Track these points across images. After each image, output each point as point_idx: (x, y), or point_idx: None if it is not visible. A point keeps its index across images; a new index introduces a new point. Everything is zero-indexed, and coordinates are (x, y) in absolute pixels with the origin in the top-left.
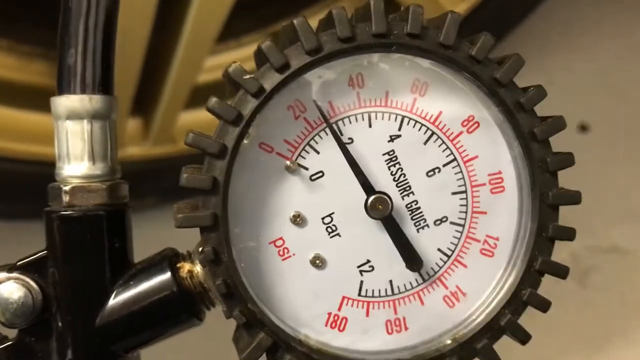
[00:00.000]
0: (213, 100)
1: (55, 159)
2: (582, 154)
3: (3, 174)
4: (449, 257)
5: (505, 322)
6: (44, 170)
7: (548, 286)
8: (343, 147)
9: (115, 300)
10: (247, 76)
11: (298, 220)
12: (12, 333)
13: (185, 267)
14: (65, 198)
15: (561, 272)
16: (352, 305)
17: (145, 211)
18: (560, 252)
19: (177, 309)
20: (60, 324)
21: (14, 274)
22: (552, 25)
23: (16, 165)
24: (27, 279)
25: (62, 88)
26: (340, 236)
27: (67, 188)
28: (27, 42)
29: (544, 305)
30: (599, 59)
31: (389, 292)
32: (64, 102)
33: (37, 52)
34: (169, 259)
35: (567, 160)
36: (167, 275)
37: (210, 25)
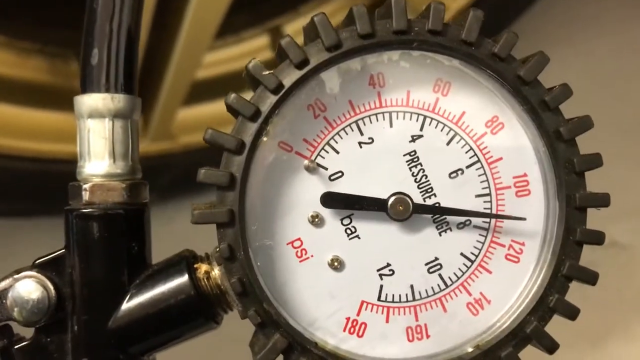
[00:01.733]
0: (232, 96)
1: (78, 157)
2: (580, 150)
3: (1, 171)
4: (472, 262)
5: (531, 329)
6: (43, 167)
7: None
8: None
9: (131, 301)
10: (266, 72)
11: (316, 220)
12: (28, 333)
13: (202, 268)
14: (85, 196)
15: (590, 277)
16: (371, 310)
17: None
18: None
19: (194, 312)
20: (75, 323)
21: (31, 272)
22: (549, 21)
23: (15, 162)
24: (44, 278)
25: (85, 87)
26: (359, 238)
27: (87, 186)
28: (24, 38)
29: (572, 313)
30: (597, 55)
31: (410, 298)
32: (86, 101)
33: (34, 48)
34: (186, 260)
35: (594, 160)
36: (185, 277)
37: (209, 21)
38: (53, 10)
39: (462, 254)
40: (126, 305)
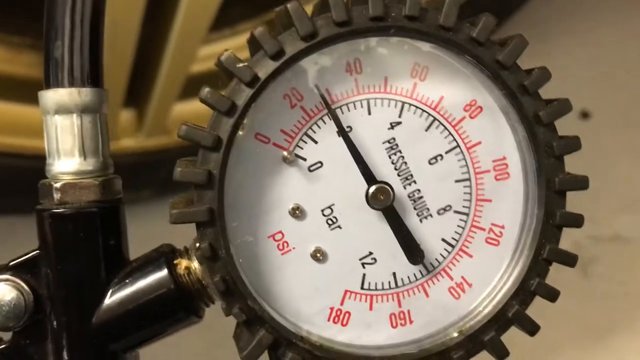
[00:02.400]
0: (205, 91)
1: (46, 155)
2: (583, 142)
3: None
4: (453, 247)
5: (513, 313)
6: (37, 164)
7: (549, 276)
8: (344, 134)
9: (111, 299)
10: (241, 64)
11: (297, 212)
12: (6, 335)
13: (182, 263)
14: (57, 195)
15: (570, 260)
16: (355, 299)
17: (140, 204)
18: (563, 242)
19: (175, 307)
20: (55, 325)
21: (5, 276)
22: (553, 11)
23: (8, 159)
24: (18, 280)
25: (50, 82)
26: (340, 228)
27: (58, 185)
28: (16, 33)
29: (552, 295)
30: (601, 44)
31: (393, 285)
32: (52, 96)
33: (26, 43)
34: (165, 256)
35: (573, 144)
36: (164, 272)
37: (203, 14)
38: (44, 4)
39: (443, 239)
40: (106, 303)
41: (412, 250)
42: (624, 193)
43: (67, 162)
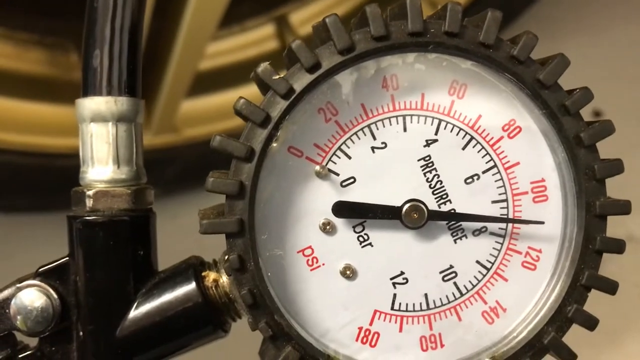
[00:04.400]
0: (241, 102)
1: (80, 162)
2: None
3: (1, 166)
4: (488, 269)
5: (549, 340)
6: (42, 162)
7: None
8: None
9: (138, 310)
10: (276, 76)
11: (328, 228)
12: (32, 342)
13: (210, 276)
14: (89, 203)
15: (610, 287)
16: (384, 320)
17: None
18: None
19: (202, 321)
20: (81, 332)
21: (34, 281)
22: (562, 8)
23: (14, 157)
24: (47, 287)
25: (87, 90)
26: (372, 246)
27: (90, 192)
28: (22, 29)
29: (591, 323)
30: (612, 43)
31: (424, 307)
32: (88, 105)
33: (33, 39)
34: (194, 268)
35: (616, 167)
36: (192, 285)
37: (212, 10)
38: (51, 0)
39: (477, 261)
40: (133, 314)
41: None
42: (638, 192)
43: (101, 170)
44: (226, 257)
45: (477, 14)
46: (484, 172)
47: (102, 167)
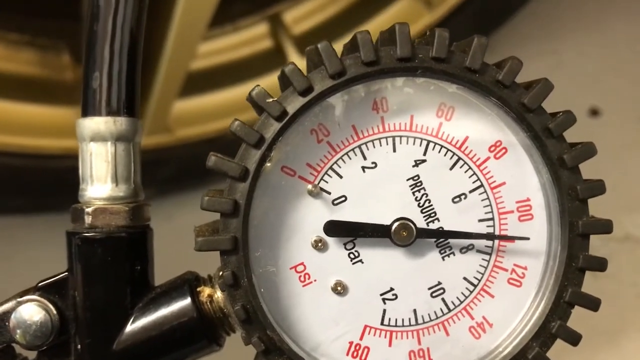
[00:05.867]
0: (236, 124)
1: (80, 180)
2: (593, 140)
3: None
4: (475, 286)
5: (533, 355)
6: (35, 164)
7: None
8: None
9: (134, 324)
10: (270, 99)
11: (320, 245)
12: (31, 354)
13: (205, 291)
14: (88, 219)
15: (592, 304)
16: (374, 335)
17: None
18: None
19: (197, 335)
20: (79, 346)
21: (34, 296)
22: (562, 7)
23: (7, 158)
24: (46, 301)
25: (87, 110)
26: (362, 263)
27: (89, 210)
28: (14, 30)
29: (574, 339)
30: (609, 41)
31: (413, 322)
32: (88, 125)
33: (24, 40)
34: (189, 283)
35: (597, 187)
36: (187, 300)
37: (202, 9)
38: (43, 0)
39: (465, 278)
40: (130, 328)
41: None
42: (635, 192)
43: (100, 188)
44: (220, 274)
45: (481, 8)
46: (470, 192)
47: (101, 185)
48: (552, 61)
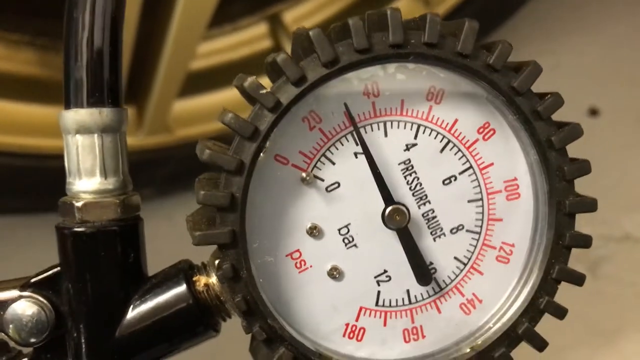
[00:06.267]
0: (229, 116)
1: (66, 173)
2: (592, 139)
3: None
4: (465, 265)
5: (523, 330)
6: (34, 164)
7: None
8: (368, 155)
9: (131, 315)
10: (263, 91)
11: (314, 232)
12: (28, 350)
13: (201, 280)
14: (78, 214)
15: (578, 280)
16: (369, 316)
17: (142, 203)
18: None
19: (194, 322)
20: (76, 341)
21: (27, 292)
22: (561, 7)
23: (6, 158)
24: (39, 297)
25: (70, 102)
26: (357, 247)
27: (79, 204)
28: (14, 30)
29: (560, 313)
30: (609, 41)
31: (406, 302)
32: (72, 117)
33: (24, 40)
34: (184, 272)
35: (583, 168)
36: (183, 289)
37: (201, 10)
38: (43, 0)
39: (455, 257)
40: (126, 320)
41: (422, 271)
42: (634, 192)
43: (88, 182)
44: (219, 266)
45: (480, 7)
46: (460, 174)
47: (89, 178)
48: (552, 61)
